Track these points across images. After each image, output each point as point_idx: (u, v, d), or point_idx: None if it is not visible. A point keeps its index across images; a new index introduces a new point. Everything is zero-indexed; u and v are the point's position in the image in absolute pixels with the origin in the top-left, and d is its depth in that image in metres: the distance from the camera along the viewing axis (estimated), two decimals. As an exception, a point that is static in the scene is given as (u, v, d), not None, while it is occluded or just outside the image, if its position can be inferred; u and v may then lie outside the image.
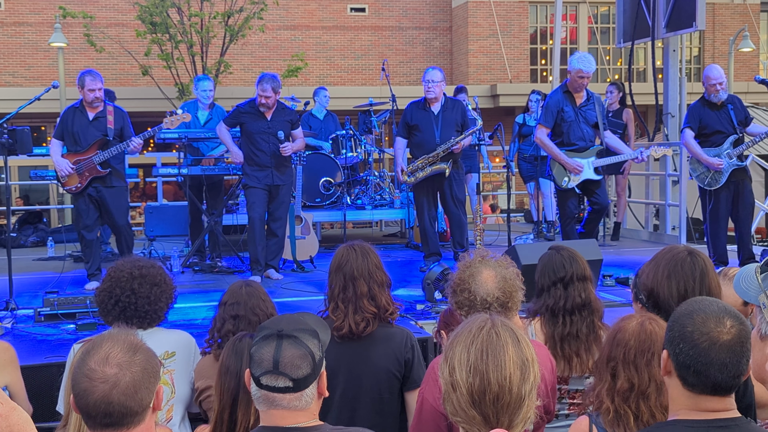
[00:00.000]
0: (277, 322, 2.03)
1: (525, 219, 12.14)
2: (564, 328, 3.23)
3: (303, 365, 1.95)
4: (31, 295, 6.12)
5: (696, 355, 1.87)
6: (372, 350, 3.17)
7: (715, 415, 1.90)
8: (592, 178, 6.75)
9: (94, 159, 6.32)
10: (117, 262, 3.32)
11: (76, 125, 6.41)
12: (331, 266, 3.25)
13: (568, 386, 3.24)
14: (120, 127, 6.48)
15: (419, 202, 6.99)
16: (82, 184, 6.37)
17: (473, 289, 2.59)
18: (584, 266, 3.32)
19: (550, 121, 6.79)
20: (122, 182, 6.59)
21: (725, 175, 6.70)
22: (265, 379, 1.94)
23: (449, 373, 1.80)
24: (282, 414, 1.96)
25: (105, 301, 3.19)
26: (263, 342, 1.97)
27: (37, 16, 18.99)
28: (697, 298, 2.02)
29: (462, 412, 1.78)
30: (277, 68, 17.43)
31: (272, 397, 1.95)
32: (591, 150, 6.80)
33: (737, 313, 1.93)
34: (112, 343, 1.90)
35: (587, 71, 6.67)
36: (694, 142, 6.81)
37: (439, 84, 6.84)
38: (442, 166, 6.72)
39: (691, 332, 1.88)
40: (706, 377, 1.87)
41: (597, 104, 6.86)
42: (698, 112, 6.83)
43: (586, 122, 6.80)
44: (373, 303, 3.16)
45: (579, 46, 21.10)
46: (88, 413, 1.86)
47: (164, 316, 3.27)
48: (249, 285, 3.26)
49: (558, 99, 6.81)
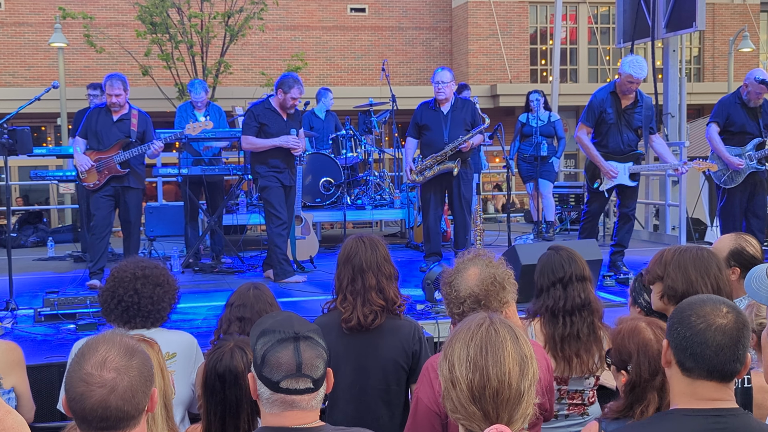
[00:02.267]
0: (288, 324, 2.01)
1: (525, 219, 12.14)
2: (564, 328, 3.23)
3: (320, 365, 1.97)
4: (31, 295, 6.12)
5: (692, 335, 1.92)
6: (380, 342, 3.18)
7: (714, 404, 1.93)
8: (627, 184, 6.54)
9: (115, 158, 6.41)
10: (120, 263, 3.31)
11: (99, 124, 6.51)
12: (340, 258, 3.25)
13: (567, 387, 3.24)
14: (143, 130, 6.58)
15: (426, 200, 6.92)
16: (101, 182, 6.45)
17: (455, 284, 2.63)
18: (583, 266, 3.32)
19: (592, 120, 6.54)
20: (140, 185, 6.67)
21: (743, 176, 6.66)
22: (286, 382, 1.93)
23: (449, 370, 1.81)
24: (297, 415, 1.96)
25: (108, 301, 3.19)
26: (279, 345, 1.96)
27: (37, 16, 18.99)
28: (700, 294, 2.08)
29: (462, 408, 1.79)
30: (277, 68, 17.44)
31: (291, 399, 1.94)
32: (630, 155, 6.54)
33: (735, 305, 1.99)
34: (109, 346, 1.88)
35: (637, 77, 6.32)
36: (719, 138, 6.74)
37: (449, 84, 6.79)
38: (450, 165, 6.70)
39: (688, 316, 1.95)
40: (702, 359, 1.91)
41: (645, 108, 6.55)
42: (728, 108, 6.74)
43: (628, 126, 6.51)
44: (381, 296, 3.16)
45: (579, 46, 21.13)
46: (84, 417, 1.84)
47: (167, 316, 3.27)
48: (257, 288, 3.24)
49: (602, 99, 6.53)
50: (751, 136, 6.73)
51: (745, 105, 6.73)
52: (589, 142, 6.58)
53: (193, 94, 7.97)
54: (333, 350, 3.21)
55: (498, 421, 1.76)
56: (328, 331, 3.24)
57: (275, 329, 1.99)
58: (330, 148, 9.07)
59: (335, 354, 3.21)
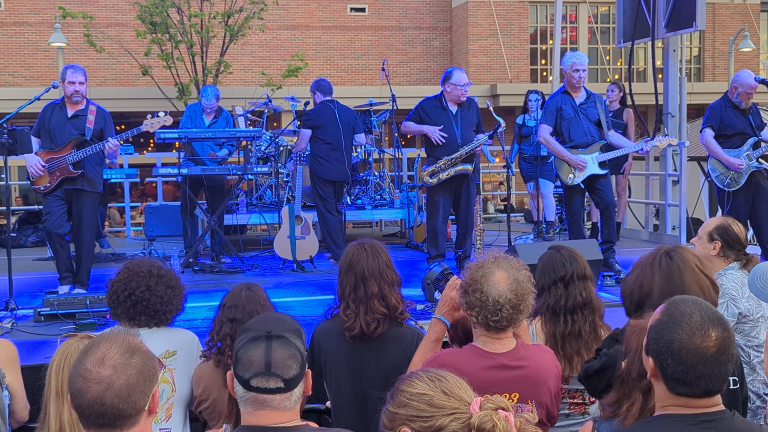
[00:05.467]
0: (263, 323, 2.02)
1: (525, 219, 12.14)
2: (566, 327, 3.23)
3: (293, 365, 1.97)
4: (31, 295, 6.11)
5: (685, 371, 1.89)
6: (383, 350, 3.17)
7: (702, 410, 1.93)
8: (598, 173, 6.70)
9: (68, 158, 5.95)
10: (136, 258, 3.32)
11: (53, 122, 6.04)
12: (342, 265, 3.24)
13: (568, 386, 3.24)
14: (100, 128, 6.12)
15: (435, 202, 6.81)
16: (52, 184, 5.97)
17: (485, 290, 2.56)
18: (584, 265, 3.32)
19: (551, 119, 6.78)
20: (95, 188, 6.15)
21: (745, 176, 6.71)
22: (256, 381, 1.94)
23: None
24: (269, 414, 1.96)
25: (118, 293, 3.17)
26: (251, 344, 1.97)
27: (37, 16, 18.99)
28: (677, 301, 1.97)
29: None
30: (277, 68, 17.45)
31: (262, 398, 1.95)
32: (595, 145, 6.74)
33: (719, 317, 1.93)
34: (110, 343, 1.90)
35: (581, 62, 6.69)
36: (715, 142, 6.81)
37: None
38: (467, 167, 6.68)
39: (678, 349, 1.89)
40: (696, 387, 1.90)
41: (599, 102, 6.84)
42: (720, 112, 6.82)
43: (587, 119, 6.76)
44: (384, 303, 3.15)
45: (579, 46, 21.10)
46: (82, 413, 1.87)
47: (171, 320, 3.26)
48: (249, 289, 3.23)
49: (556, 99, 6.82)
50: (746, 137, 6.79)
51: (735, 107, 6.80)
52: (553, 140, 6.78)
53: (204, 99, 7.91)
54: (335, 357, 3.21)
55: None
56: (330, 338, 3.24)
57: (251, 327, 2.02)
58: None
59: (338, 361, 3.21)
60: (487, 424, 1.72)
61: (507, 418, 1.74)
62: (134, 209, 13.63)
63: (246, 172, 7.35)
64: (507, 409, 1.75)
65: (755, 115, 6.85)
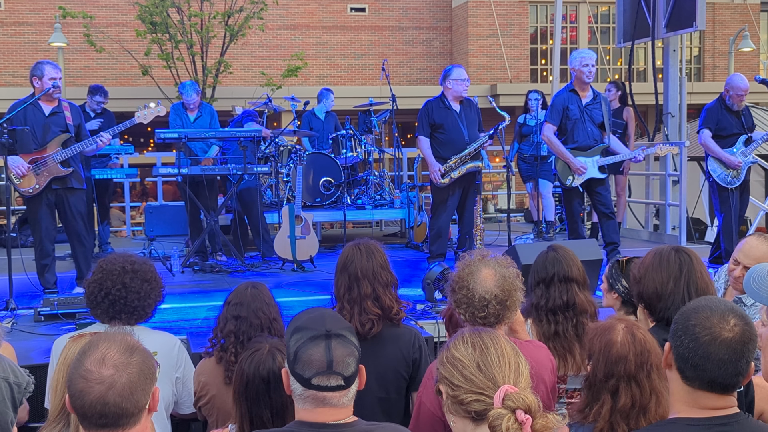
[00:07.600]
0: (320, 322, 2.04)
1: (525, 219, 12.14)
2: (549, 326, 3.25)
3: (352, 362, 2.00)
4: (31, 295, 6.11)
5: (695, 348, 1.87)
6: (380, 351, 3.17)
7: (715, 413, 1.89)
8: (597, 177, 6.74)
9: (55, 157, 5.77)
10: (108, 256, 3.28)
11: (29, 121, 5.80)
12: (337, 265, 3.25)
13: (566, 386, 3.24)
14: (78, 123, 6.00)
15: (442, 202, 6.78)
16: (41, 186, 5.76)
17: (471, 287, 2.59)
18: (570, 268, 3.31)
19: (557, 118, 6.79)
20: (83, 185, 6.03)
21: (744, 172, 7.02)
22: (317, 379, 1.96)
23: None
24: (328, 411, 1.98)
25: (95, 293, 3.15)
26: (311, 342, 1.99)
27: (37, 16, 18.99)
28: (708, 297, 2.01)
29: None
30: (277, 68, 17.45)
31: (322, 396, 1.97)
32: (596, 148, 6.78)
33: (744, 314, 1.92)
34: (109, 343, 1.90)
35: (589, 57, 6.77)
36: (713, 142, 7.04)
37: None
38: (477, 164, 6.72)
39: (693, 325, 1.88)
40: (702, 371, 1.87)
41: (604, 104, 6.88)
42: (716, 114, 7.08)
43: (591, 121, 6.80)
44: (377, 304, 3.15)
45: (579, 46, 21.09)
46: (84, 414, 1.86)
47: (151, 313, 3.23)
48: (255, 287, 3.23)
49: (564, 97, 6.83)
50: (739, 137, 7.10)
51: (729, 109, 7.09)
52: (557, 140, 6.80)
53: (185, 97, 7.88)
54: None
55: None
56: None
57: (308, 326, 2.03)
58: (330, 148, 9.07)
59: None
60: (497, 424, 1.71)
61: (523, 423, 1.71)
62: (134, 209, 13.63)
63: (246, 172, 7.35)
64: (530, 409, 1.73)
65: (747, 116, 7.16)
